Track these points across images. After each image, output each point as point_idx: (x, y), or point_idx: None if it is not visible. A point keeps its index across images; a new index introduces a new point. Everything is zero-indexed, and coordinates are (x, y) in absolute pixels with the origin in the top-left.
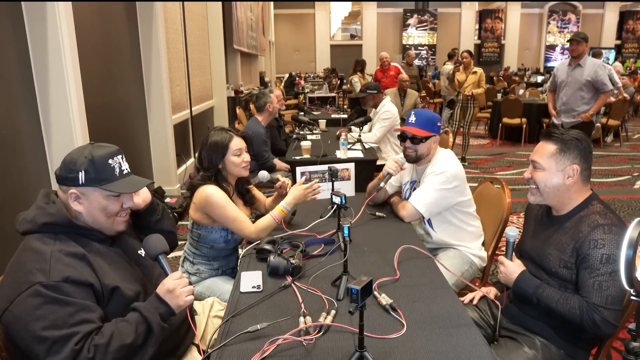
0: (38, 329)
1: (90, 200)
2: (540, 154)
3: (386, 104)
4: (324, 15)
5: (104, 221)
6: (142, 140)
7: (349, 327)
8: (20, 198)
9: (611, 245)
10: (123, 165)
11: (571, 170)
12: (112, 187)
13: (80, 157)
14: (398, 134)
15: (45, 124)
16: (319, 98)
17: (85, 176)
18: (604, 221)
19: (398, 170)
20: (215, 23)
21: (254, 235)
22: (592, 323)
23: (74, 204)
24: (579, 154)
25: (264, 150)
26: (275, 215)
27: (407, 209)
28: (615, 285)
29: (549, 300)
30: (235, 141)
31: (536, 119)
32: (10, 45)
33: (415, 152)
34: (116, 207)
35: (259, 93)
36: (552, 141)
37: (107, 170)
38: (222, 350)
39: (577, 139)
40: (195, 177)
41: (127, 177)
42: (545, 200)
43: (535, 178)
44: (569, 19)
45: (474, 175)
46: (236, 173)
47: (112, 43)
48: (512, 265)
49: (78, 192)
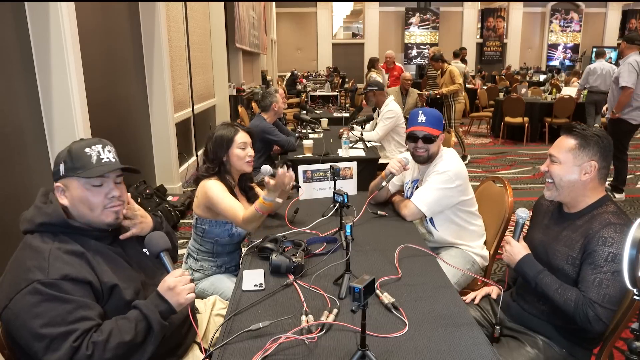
0: (37, 327)
1: (72, 191)
2: (558, 147)
3: (389, 102)
4: (326, 13)
5: (88, 214)
6: (144, 138)
7: (351, 326)
8: (22, 196)
9: (619, 245)
10: (104, 154)
11: (589, 167)
12: (85, 173)
13: (64, 150)
14: (408, 134)
15: (47, 122)
16: (321, 97)
17: (64, 167)
18: (616, 220)
19: (401, 170)
20: (217, 21)
21: (242, 224)
22: (585, 317)
23: (60, 197)
24: (599, 151)
25: (280, 136)
26: (257, 207)
27: (408, 207)
28: (616, 285)
29: (547, 288)
30: (240, 134)
31: (538, 118)
32: (13, 44)
33: (427, 152)
34: (99, 198)
35: (265, 92)
36: (572, 136)
37: (83, 158)
38: (224, 349)
39: (599, 136)
40: (201, 169)
41: (106, 165)
42: (560, 196)
43: (551, 171)
44: (571, 18)
45: (476, 174)
46: (239, 167)
47: (114, 41)
48: (518, 246)
49: (62, 185)
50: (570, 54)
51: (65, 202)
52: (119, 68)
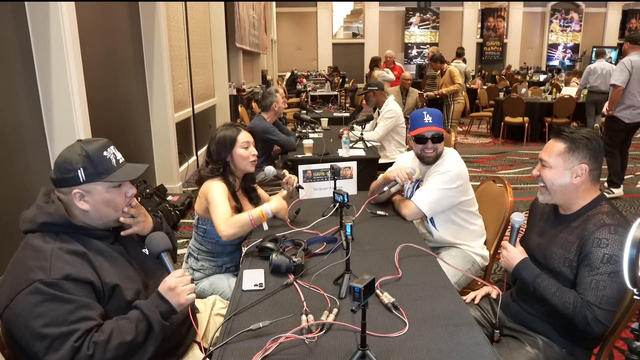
0: (38, 327)
1: (94, 196)
2: (548, 152)
3: (390, 102)
4: (326, 13)
5: (112, 215)
6: (144, 138)
7: (351, 326)
8: (22, 196)
9: (614, 246)
10: (117, 155)
11: (580, 170)
12: (113, 177)
13: (74, 155)
14: (416, 136)
15: (47, 122)
16: (321, 96)
17: (85, 172)
18: (610, 221)
19: (406, 181)
20: (217, 21)
21: (223, 227)
22: (584, 320)
23: (79, 203)
24: (589, 153)
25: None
26: (253, 216)
27: (409, 207)
28: (613, 286)
29: (545, 291)
30: (243, 134)
31: (538, 118)
32: (13, 43)
33: (435, 152)
34: (121, 199)
35: (265, 92)
36: (561, 140)
37: (104, 162)
38: (224, 349)
39: (588, 138)
40: (204, 170)
41: (124, 166)
42: (553, 199)
43: (543, 176)
44: (571, 18)
45: (476, 174)
46: (243, 167)
47: (114, 41)
48: (515, 251)
49: (81, 191)
50: (570, 54)
51: (86, 207)
52: (119, 68)
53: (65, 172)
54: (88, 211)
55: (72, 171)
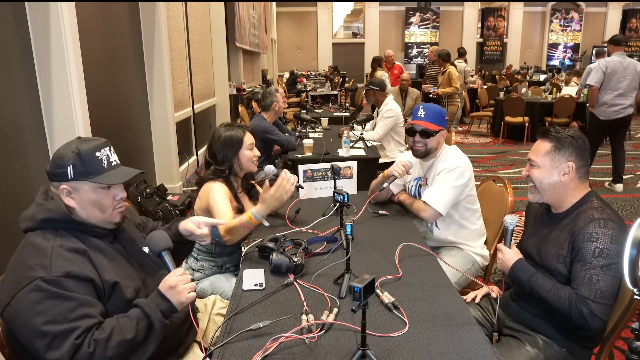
0: (39, 324)
1: (81, 194)
2: (536, 152)
3: (389, 102)
4: (326, 13)
5: (98, 215)
6: (145, 137)
7: (351, 326)
8: (22, 196)
9: (605, 239)
10: (111, 157)
11: (566, 168)
12: (101, 179)
13: (67, 152)
14: (407, 127)
15: (47, 121)
16: (321, 96)
17: (74, 170)
18: (600, 215)
19: (404, 174)
20: (217, 21)
21: (222, 233)
22: (580, 315)
23: (66, 199)
24: (574, 151)
25: (280, 135)
26: (243, 221)
27: (427, 210)
28: (606, 279)
29: (540, 289)
30: (248, 135)
31: (538, 118)
32: (13, 43)
33: (425, 146)
34: (108, 201)
35: (265, 92)
36: (547, 139)
37: (95, 162)
38: (224, 348)
39: (573, 137)
40: (204, 172)
41: (116, 169)
42: (543, 198)
43: (531, 175)
44: (571, 18)
45: (476, 173)
46: (247, 167)
47: (114, 40)
48: (510, 252)
49: (69, 187)
50: (570, 54)
51: (73, 203)
52: (119, 67)
53: (57, 167)
54: (75, 208)
55: (62, 167)
